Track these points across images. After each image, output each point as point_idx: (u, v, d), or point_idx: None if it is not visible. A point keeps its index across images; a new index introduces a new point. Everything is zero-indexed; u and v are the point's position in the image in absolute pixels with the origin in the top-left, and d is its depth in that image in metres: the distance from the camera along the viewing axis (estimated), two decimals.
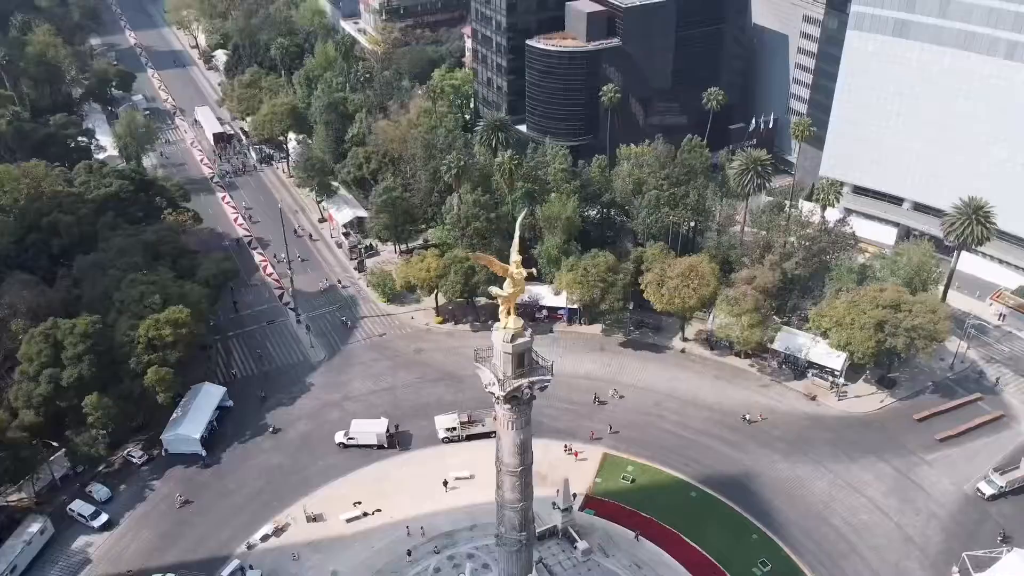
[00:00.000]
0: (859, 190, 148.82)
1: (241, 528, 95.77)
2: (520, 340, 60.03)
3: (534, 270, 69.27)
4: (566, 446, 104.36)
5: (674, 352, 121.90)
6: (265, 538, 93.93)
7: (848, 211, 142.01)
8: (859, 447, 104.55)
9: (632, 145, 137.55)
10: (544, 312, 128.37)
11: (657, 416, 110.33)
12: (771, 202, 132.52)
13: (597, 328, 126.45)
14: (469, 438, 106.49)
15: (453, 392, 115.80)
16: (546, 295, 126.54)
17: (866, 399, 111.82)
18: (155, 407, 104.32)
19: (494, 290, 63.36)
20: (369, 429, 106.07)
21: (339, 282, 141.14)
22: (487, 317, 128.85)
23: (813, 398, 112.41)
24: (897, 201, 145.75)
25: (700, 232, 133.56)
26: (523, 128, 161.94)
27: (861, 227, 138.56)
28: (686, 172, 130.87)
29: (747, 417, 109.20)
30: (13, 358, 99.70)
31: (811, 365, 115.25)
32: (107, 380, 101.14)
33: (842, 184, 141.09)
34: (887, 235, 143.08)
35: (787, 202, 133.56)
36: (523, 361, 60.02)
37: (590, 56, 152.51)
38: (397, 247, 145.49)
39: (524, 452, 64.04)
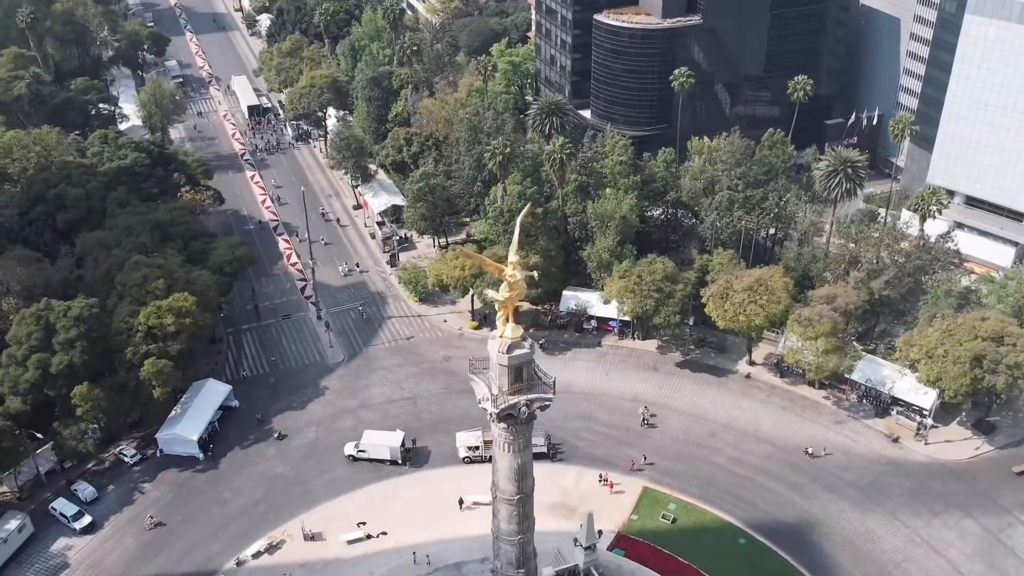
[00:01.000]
0: (972, 201, 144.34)
1: (232, 542, 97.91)
2: (518, 352, 59.97)
3: (535, 273, 68.86)
4: (601, 475, 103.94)
5: (737, 377, 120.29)
6: (257, 555, 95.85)
7: (957, 225, 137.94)
8: (944, 500, 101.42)
9: (705, 138, 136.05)
10: (593, 323, 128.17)
11: (710, 448, 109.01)
12: (862, 210, 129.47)
13: (652, 344, 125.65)
14: (492, 459, 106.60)
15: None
16: (595, 304, 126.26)
17: (958, 445, 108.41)
18: (151, 402, 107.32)
19: (489, 293, 63.57)
20: (382, 442, 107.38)
21: (357, 266, 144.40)
22: (529, 324, 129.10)
23: (895, 440, 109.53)
24: (1017, 216, 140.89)
25: (779, 241, 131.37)
26: (587, 114, 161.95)
27: (972, 244, 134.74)
28: (765, 171, 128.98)
29: (809, 451, 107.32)
30: (3, 340, 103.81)
31: (896, 401, 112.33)
32: (100, 370, 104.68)
33: (951, 193, 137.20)
34: (1003, 256, 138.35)
35: (882, 211, 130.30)
36: (521, 376, 59.93)
37: (665, 35, 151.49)
38: (436, 241, 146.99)
39: (523, 478, 63.95)
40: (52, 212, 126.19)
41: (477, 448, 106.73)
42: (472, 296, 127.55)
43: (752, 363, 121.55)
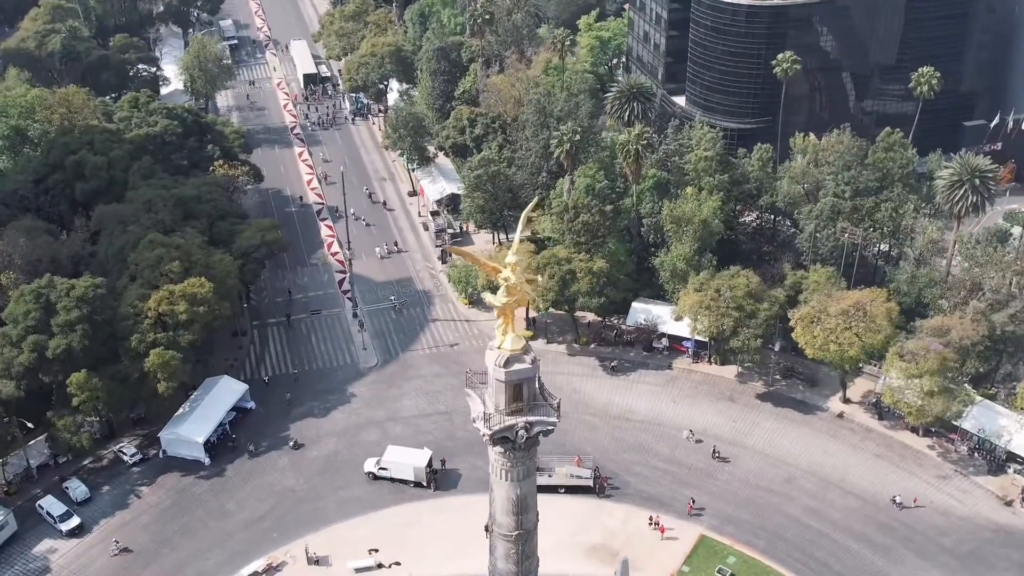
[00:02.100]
0: None
1: (229, 559, 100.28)
2: (518, 367, 60.03)
3: (538, 278, 68.91)
4: (652, 518, 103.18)
5: (827, 415, 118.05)
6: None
7: None
8: None
9: (811, 135, 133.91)
10: (664, 342, 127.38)
11: (784, 496, 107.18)
12: (990, 229, 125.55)
13: (730, 371, 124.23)
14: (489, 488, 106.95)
15: None
16: (668, 319, 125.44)
17: None
18: (156, 397, 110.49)
19: (487, 297, 63.79)
20: (406, 460, 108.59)
21: (396, 245, 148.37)
22: (592, 338, 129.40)
23: (1008, 503, 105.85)
24: None
25: (891, 260, 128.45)
26: (681, 101, 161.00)
27: None
28: (879, 177, 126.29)
29: (897, 500, 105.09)
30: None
31: (1013, 458, 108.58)
32: (102, 357, 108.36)
33: None
34: None
35: (1017, 230, 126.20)
36: (521, 394, 60.04)
37: (774, 13, 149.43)
38: (495, 236, 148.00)
39: (523, 511, 63.96)
40: (70, 181, 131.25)
41: None
42: (528, 302, 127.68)
43: (846, 400, 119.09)
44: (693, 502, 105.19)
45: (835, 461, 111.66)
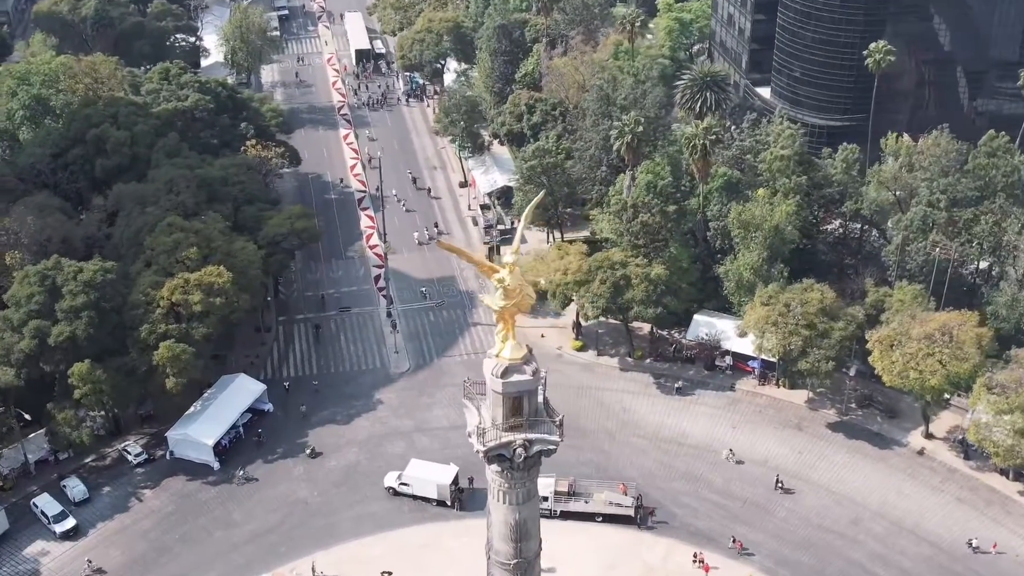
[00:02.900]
0: None
1: (231, 572, 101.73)
2: (517, 377, 59.82)
3: (541, 281, 68.92)
4: (696, 555, 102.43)
5: (907, 451, 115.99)
6: None
7: None
8: None
9: (905, 136, 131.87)
10: (728, 360, 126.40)
11: (849, 539, 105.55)
12: None
13: (800, 396, 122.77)
14: (564, 516, 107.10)
15: (565, 448, 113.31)
16: (732, 335, 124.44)
17: None
18: (164, 394, 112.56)
19: (485, 299, 63.87)
20: (430, 476, 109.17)
21: (436, 226, 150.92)
22: (648, 353, 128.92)
23: None
24: None
25: (990, 280, 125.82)
26: (766, 93, 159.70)
27: None
28: (980, 186, 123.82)
29: (973, 543, 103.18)
30: (2, 300, 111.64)
31: None
32: (108, 347, 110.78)
33: None
34: None
35: None
36: (520, 408, 59.98)
37: None
38: (550, 235, 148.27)
39: (522, 539, 63.77)
40: (91, 156, 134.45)
41: (546, 499, 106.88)
42: (578, 308, 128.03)
43: (928, 436, 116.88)
44: (735, 540, 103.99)
45: (910, 503, 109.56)
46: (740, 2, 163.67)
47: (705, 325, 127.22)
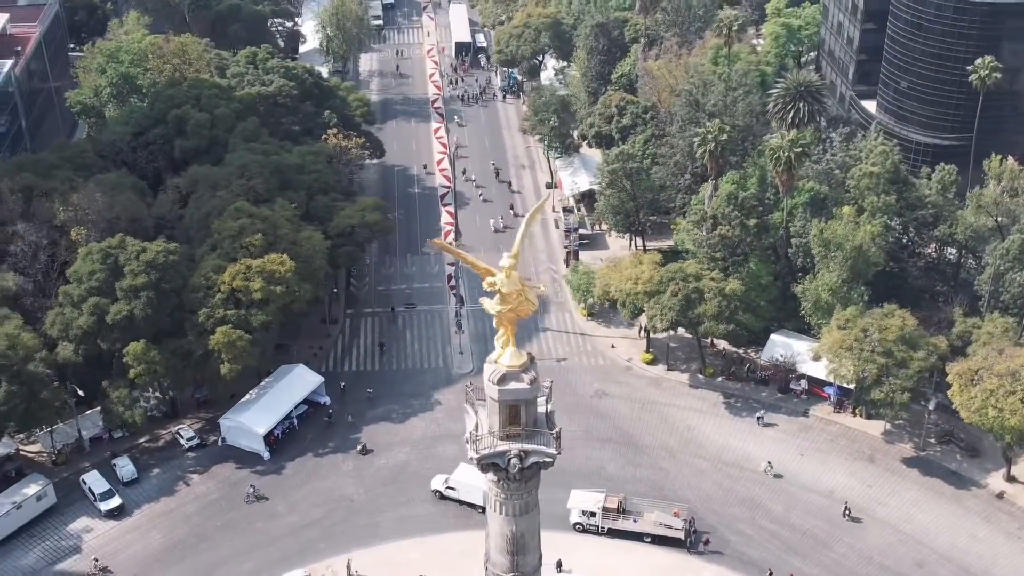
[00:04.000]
0: None
1: (266, 565, 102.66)
2: (514, 385, 59.13)
3: (541, 287, 67.52)
4: None
5: (985, 493, 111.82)
6: None
7: None
8: None
9: (1010, 159, 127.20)
10: (803, 383, 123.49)
11: None
12: None
13: (876, 427, 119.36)
14: (611, 533, 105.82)
15: (621, 463, 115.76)
16: (808, 358, 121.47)
17: None
18: (218, 379, 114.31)
19: (484, 303, 63.00)
20: (477, 483, 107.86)
21: (511, 208, 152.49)
22: (720, 371, 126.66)
23: None
24: None
25: None
26: (871, 107, 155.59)
27: None
28: None
29: None
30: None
31: None
32: (166, 329, 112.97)
33: None
34: None
35: None
36: (518, 417, 59.15)
37: (992, 10, 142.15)
38: (632, 241, 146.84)
39: (519, 552, 62.97)
40: (171, 137, 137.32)
41: (593, 514, 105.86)
42: (645, 320, 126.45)
43: (1010, 479, 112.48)
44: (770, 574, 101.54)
45: (983, 548, 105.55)
46: (850, 10, 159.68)
47: (782, 346, 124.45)
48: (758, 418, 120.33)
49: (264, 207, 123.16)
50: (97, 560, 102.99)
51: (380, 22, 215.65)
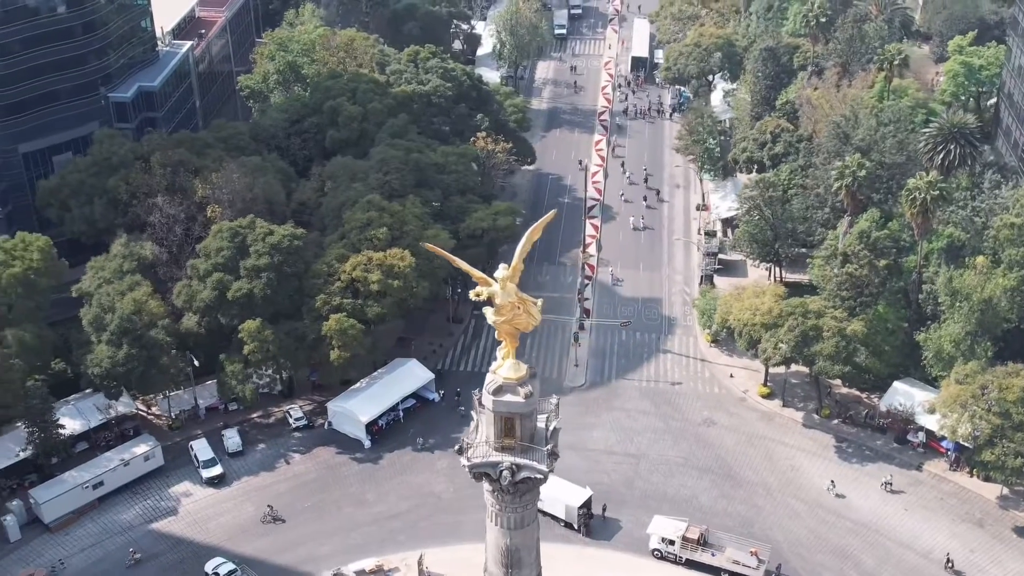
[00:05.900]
0: None
1: (346, 549, 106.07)
2: (508, 397, 59.31)
3: (539, 302, 66.11)
4: None
5: None
6: (360, 574, 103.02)
7: None
8: None
9: None
10: (920, 436, 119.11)
11: None
12: None
13: (993, 490, 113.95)
14: (689, 564, 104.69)
15: (715, 495, 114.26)
16: (924, 410, 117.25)
17: None
18: (327, 365, 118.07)
19: (486, 312, 63.30)
20: (561, 495, 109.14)
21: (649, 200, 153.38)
22: (836, 413, 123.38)
23: None
24: None
25: None
26: None
27: None
28: None
29: None
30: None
31: None
32: (284, 311, 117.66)
33: None
34: None
35: None
36: (513, 429, 59.46)
37: None
38: (772, 272, 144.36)
39: (513, 565, 63.16)
40: (324, 126, 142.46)
41: (673, 543, 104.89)
42: (761, 352, 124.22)
43: None
44: None
45: None
46: None
47: (903, 394, 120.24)
48: (885, 483, 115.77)
49: (396, 202, 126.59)
50: (134, 551, 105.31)
51: (564, 31, 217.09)
